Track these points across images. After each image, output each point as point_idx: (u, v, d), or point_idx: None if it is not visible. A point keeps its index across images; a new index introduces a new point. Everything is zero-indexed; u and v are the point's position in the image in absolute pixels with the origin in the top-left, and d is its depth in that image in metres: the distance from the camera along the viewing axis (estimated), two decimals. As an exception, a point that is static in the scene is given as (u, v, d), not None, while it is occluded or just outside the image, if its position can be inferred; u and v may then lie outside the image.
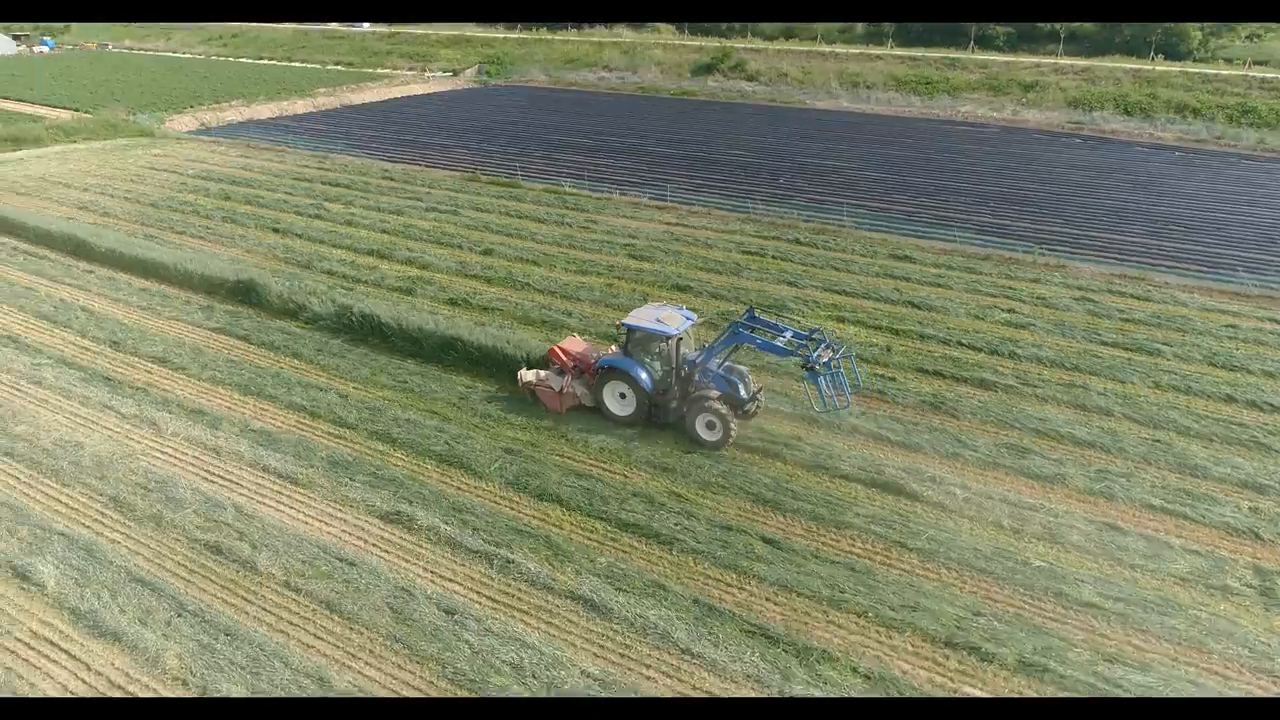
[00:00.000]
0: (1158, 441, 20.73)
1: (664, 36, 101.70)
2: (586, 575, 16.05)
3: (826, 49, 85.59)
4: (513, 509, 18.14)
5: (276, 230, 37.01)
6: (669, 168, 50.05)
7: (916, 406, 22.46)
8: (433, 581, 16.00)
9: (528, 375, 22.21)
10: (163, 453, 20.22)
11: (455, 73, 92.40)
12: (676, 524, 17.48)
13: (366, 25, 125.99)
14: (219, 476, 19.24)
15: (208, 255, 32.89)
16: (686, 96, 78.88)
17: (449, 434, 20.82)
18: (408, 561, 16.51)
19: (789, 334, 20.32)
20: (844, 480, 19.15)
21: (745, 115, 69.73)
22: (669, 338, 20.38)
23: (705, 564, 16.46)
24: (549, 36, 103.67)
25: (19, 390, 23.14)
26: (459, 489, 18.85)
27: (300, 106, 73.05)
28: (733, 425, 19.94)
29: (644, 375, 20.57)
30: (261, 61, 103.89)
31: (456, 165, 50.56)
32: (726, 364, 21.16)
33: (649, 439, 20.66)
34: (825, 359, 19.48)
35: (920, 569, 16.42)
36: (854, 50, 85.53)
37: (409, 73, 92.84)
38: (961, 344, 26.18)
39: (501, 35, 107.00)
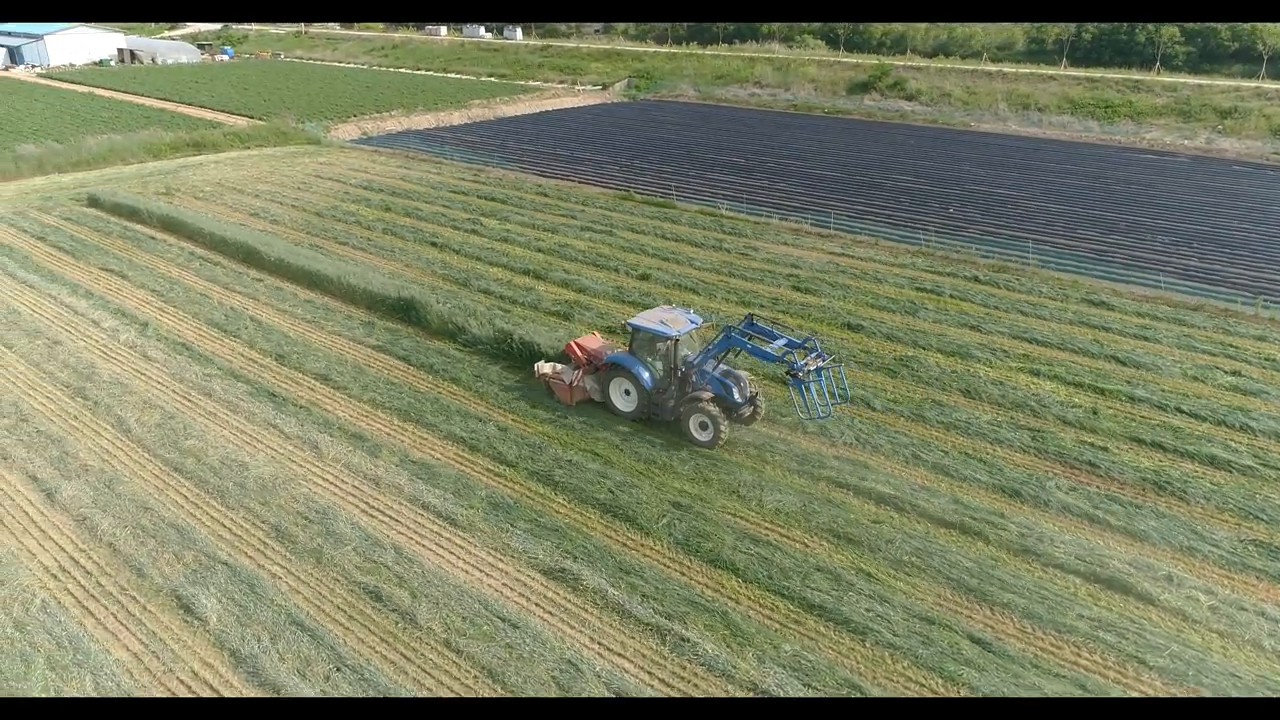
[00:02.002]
0: None
1: (818, 53, 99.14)
2: (770, 664, 14.32)
3: (993, 68, 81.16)
4: (684, 574, 16.61)
5: (434, 245, 37.00)
6: (829, 191, 47.85)
7: (1136, 485, 19.66)
8: (600, 655, 14.63)
9: (545, 368, 23.51)
10: (323, 479, 19.75)
11: (605, 86, 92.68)
12: (869, 610, 15.53)
13: (519, 35, 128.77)
14: (378, 511, 18.55)
15: (369, 269, 33.02)
16: (841, 116, 76.24)
17: (612, 480, 19.51)
18: (573, 628, 15.21)
19: (782, 341, 20.59)
20: (1059, 571, 16.71)
21: (905, 137, 66.58)
22: (669, 339, 21.11)
23: (905, 663, 14.45)
24: (699, 51, 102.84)
25: (190, 401, 23.34)
26: (625, 545, 17.47)
27: (456, 117, 74.55)
28: (723, 426, 20.44)
29: (645, 374, 21.52)
30: (419, 72, 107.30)
31: (609, 182, 49.91)
32: (724, 367, 21.67)
33: (818, 501, 18.76)
34: (813, 367, 19.95)
35: (1166, 694, 13.90)
36: (1023, 70, 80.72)
37: (559, 85, 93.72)
38: (1181, 410, 23.05)
39: (652, 49, 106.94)
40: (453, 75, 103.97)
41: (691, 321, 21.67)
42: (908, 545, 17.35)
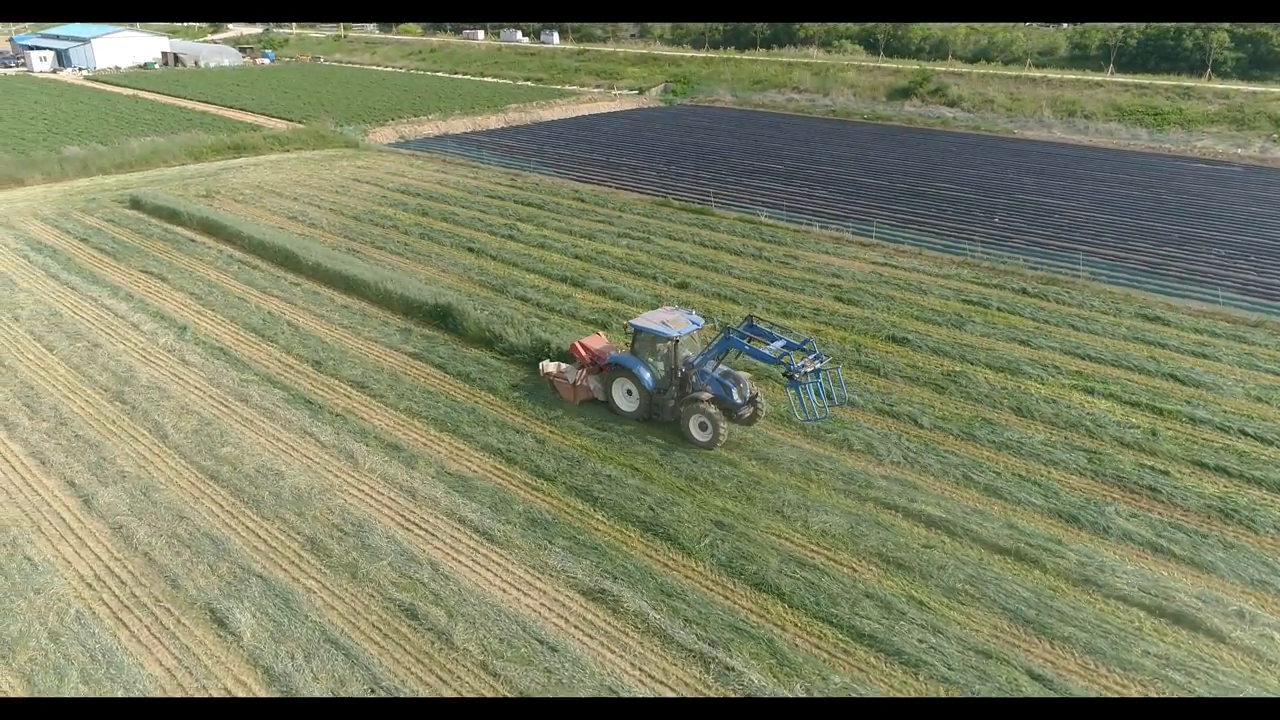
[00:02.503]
0: None
1: (857, 58, 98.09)
2: (818, 696, 13.72)
3: (1037, 74, 79.68)
4: (728, 598, 16.05)
5: (471, 250, 36.76)
6: (870, 199, 47.03)
7: (1200, 512, 18.78)
8: (641, 682, 14.12)
9: (549, 367, 23.83)
10: (359, 490, 19.44)
11: (641, 91, 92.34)
12: (921, 640, 14.87)
13: (556, 40, 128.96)
14: (414, 524, 18.19)
15: (406, 274, 32.82)
16: (881, 122, 75.22)
17: (653, 497, 19.00)
18: (614, 653, 14.71)
19: (780, 343, 20.78)
20: (1122, 603, 15.92)
21: (947, 143, 65.47)
22: (669, 340, 21.26)
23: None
24: (737, 56, 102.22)
25: (227, 407, 23.19)
26: (666, 566, 16.95)
27: (493, 121, 74.59)
28: (722, 427, 20.59)
29: (646, 374, 21.76)
30: (456, 76, 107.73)
31: (647, 188, 49.47)
32: (724, 368, 21.82)
33: (865, 523, 18.10)
34: (810, 369, 20.13)
35: (1242, 741, 13.09)
36: (1068, 76, 79.17)
37: (596, 90, 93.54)
38: (1245, 433, 22.06)
39: (688, 54, 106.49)
40: (489, 79, 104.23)
41: (693, 323, 21.92)
42: (961, 572, 16.64)
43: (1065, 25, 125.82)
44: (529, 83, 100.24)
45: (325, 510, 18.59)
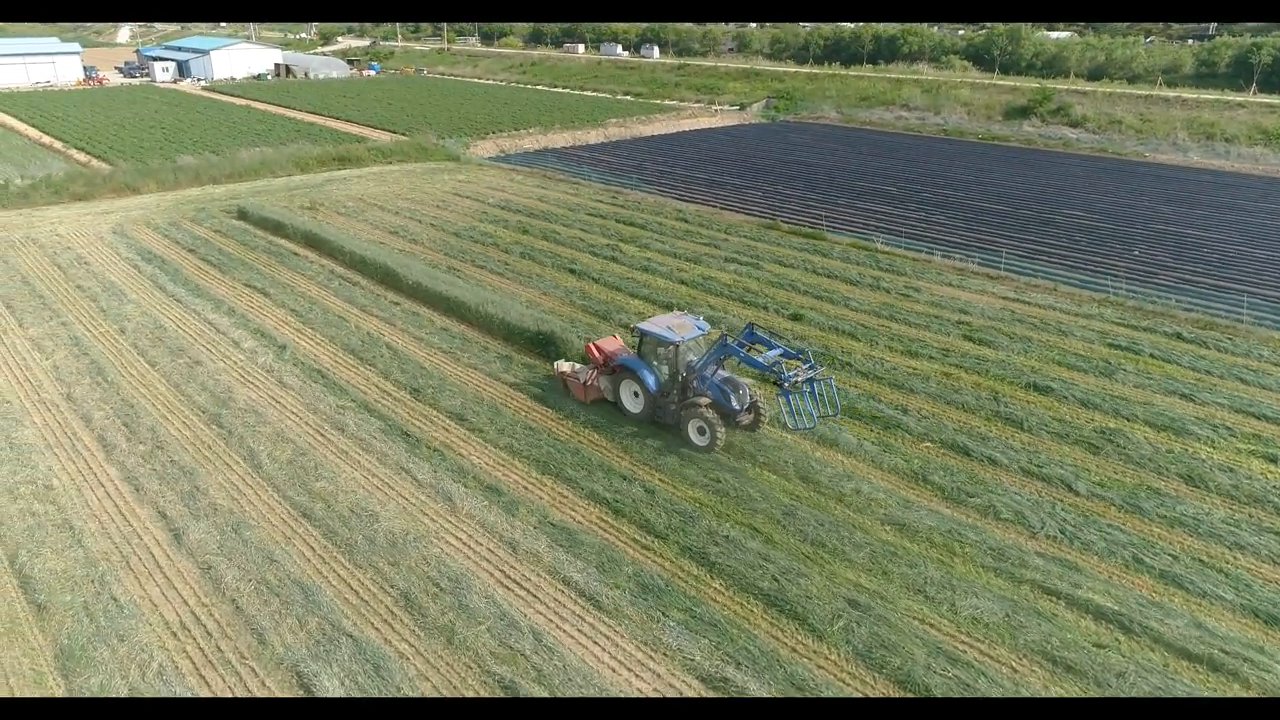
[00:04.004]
0: None
1: (971, 75, 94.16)
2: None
3: (1169, 94, 74.69)
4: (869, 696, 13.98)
5: (573, 271, 35.45)
6: (992, 226, 44.06)
7: None
8: (774, 800, 12.18)
9: (564, 366, 24.33)
10: (456, 538, 18.06)
11: (743, 106, 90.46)
12: (1106, 771, 12.51)
13: (656, 54, 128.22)
14: (515, 583, 16.68)
15: (507, 297, 31.64)
16: (998, 142, 71.48)
17: (776, 565, 17.06)
18: (740, 760, 12.81)
19: (777, 352, 21.11)
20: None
21: (1072, 166, 61.58)
22: (671, 344, 21.66)
23: None
24: (842, 72, 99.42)
25: (322, 436, 22.22)
26: (794, 650, 14.98)
27: (593, 136, 73.79)
28: (720, 432, 20.87)
29: (650, 377, 22.14)
30: (556, 89, 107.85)
31: (753, 209, 47.55)
32: (725, 374, 21.95)
33: (1023, 611, 15.74)
34: (802, 379, 20.34)
35: None
36: (1204, 95, 73.94)
37: (696, 105, 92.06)
38: None
39: (791, 69, 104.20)
40: (589, 93, 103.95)
41: (698, 328, 22.18)
42: (1144, 681, 14.20)
43: (1190, 41, 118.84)
44: (629, 97, 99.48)
45: (421, 560, 17.25)
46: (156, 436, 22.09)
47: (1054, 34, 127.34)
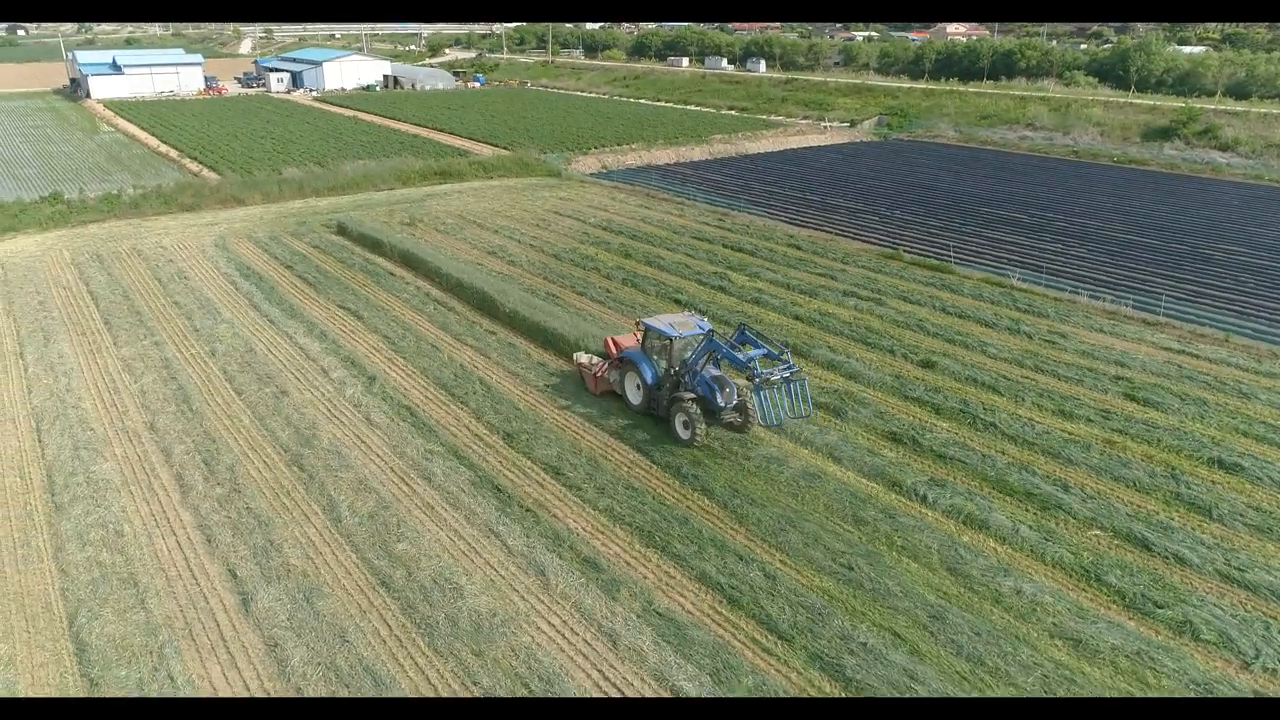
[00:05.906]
0: None
1: (1104, 93, 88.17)
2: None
3: (1334, 115, 67.84)
4: None
5: (678, 302, 33.02)
6: (1143, 263, 39.78)
7: None
8: None
9: (582, 358, 25.46)
10: (549, 624, 15.81)
11: (853, 124, 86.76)
12: None
13: (762, 68, 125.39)
14: (616, 688, 14.29)
15: (608, 330, 29.41)
16: (1136, 166, 66.04)
17: (926, 686, 14.20)
18: None
19: (760, 351, 21.79)
20: None
21: (1225, 195, 56.07)
22: (667, 338, 22.44)
23: None
24: (960, 88, 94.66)
25: (408, 486, 20.36)
26: (957, 812, 12.11)
27: (697, 153, 71.49)
28: (700, 427, 21.57)
29: (648, 370, 23.03)
30: (659, 104, 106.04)
31: (870, 236, 44.35)
32: (716, 373, 22.49)
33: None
34: (775, 377, 20.87)
35: None
36: (1375, 118, 66.84)
37: (804, 121, 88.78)
38: None
39: (905, 85, 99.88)
40: (693, 108, 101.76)
41: (699, 326, 22.84)
42: None
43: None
44: (733, 112, 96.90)
45: (509, 651, 15.05)
46: (235, 477, 20.61)
47: (1186, 48, 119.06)
